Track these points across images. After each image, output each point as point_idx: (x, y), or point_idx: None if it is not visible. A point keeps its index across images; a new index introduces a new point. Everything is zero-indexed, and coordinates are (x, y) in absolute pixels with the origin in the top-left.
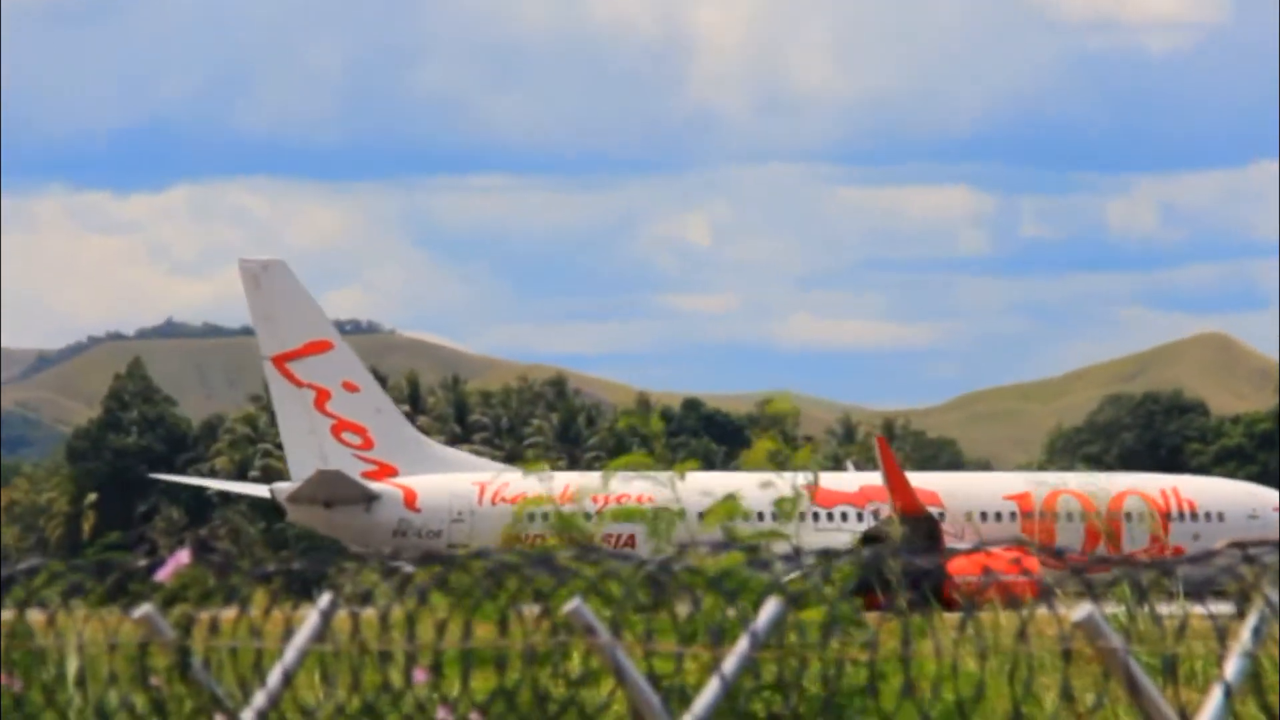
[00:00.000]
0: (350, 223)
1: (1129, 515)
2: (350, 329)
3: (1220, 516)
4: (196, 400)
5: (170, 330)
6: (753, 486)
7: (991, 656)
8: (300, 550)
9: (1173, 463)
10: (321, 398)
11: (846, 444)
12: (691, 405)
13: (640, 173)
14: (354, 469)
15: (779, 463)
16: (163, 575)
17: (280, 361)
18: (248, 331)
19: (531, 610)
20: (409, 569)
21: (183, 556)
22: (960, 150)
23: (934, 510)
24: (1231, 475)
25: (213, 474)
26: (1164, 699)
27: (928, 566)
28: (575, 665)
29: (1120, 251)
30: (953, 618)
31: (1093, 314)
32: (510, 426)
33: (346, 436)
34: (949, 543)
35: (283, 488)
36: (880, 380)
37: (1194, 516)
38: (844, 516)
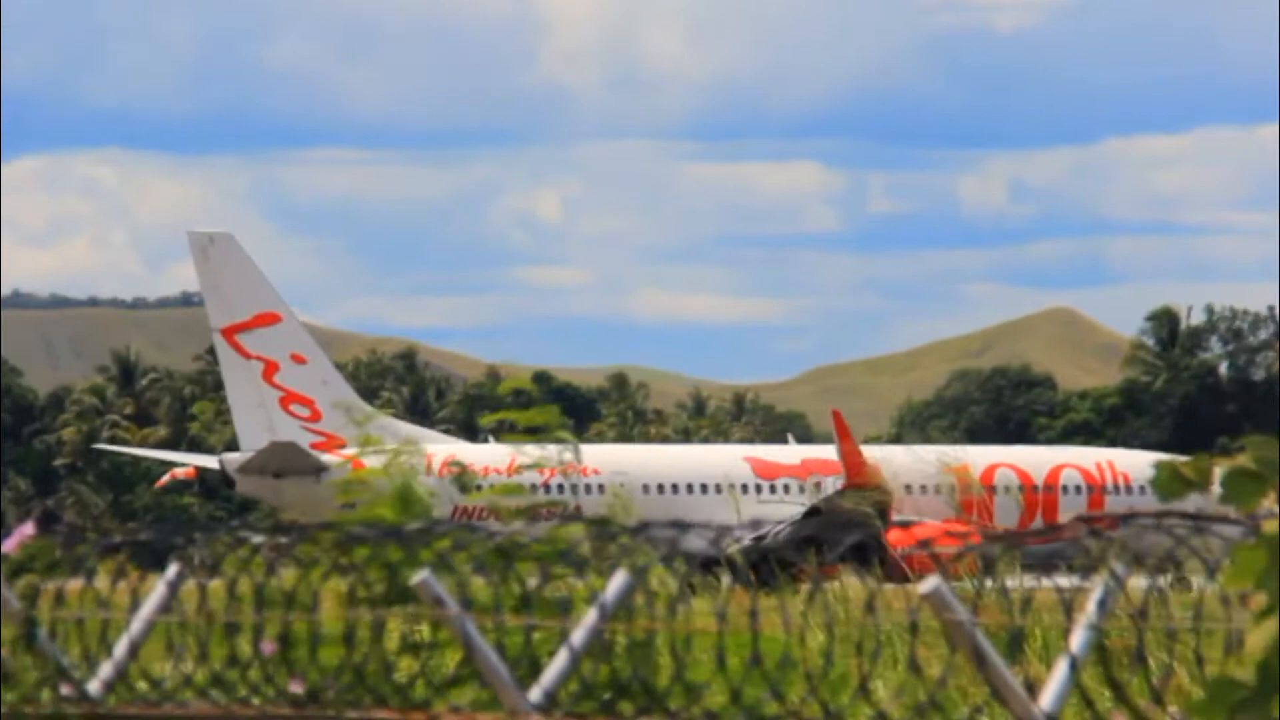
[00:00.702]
0: (200, 195)
1: (1064, 488)
2: (199, 301)
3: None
4: (42, 371)
5: (16, 301)
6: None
7: (839, 628)
8: (149, 522)
9: (1021, 437)
10: (270, 369)
11: (697, 417)
12: (542, 378)
13: (492, 147)
14: (302, 440)
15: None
16: (8, 546)
17: (229, 333)
18: (94, 302)
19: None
20: (257, 540)
21: (28, 528)
22: (811, 127)
23: None
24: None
25: (60, 445)
26: (1010, 671)
27: (859, 536)
28: (425, 636)
29: (970, 228)
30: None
31: (942, 290)
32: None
33: (294, 408)
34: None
35: (232, 458)
36: (731, 355)
37: (1129, 490)
38: (786, 489)
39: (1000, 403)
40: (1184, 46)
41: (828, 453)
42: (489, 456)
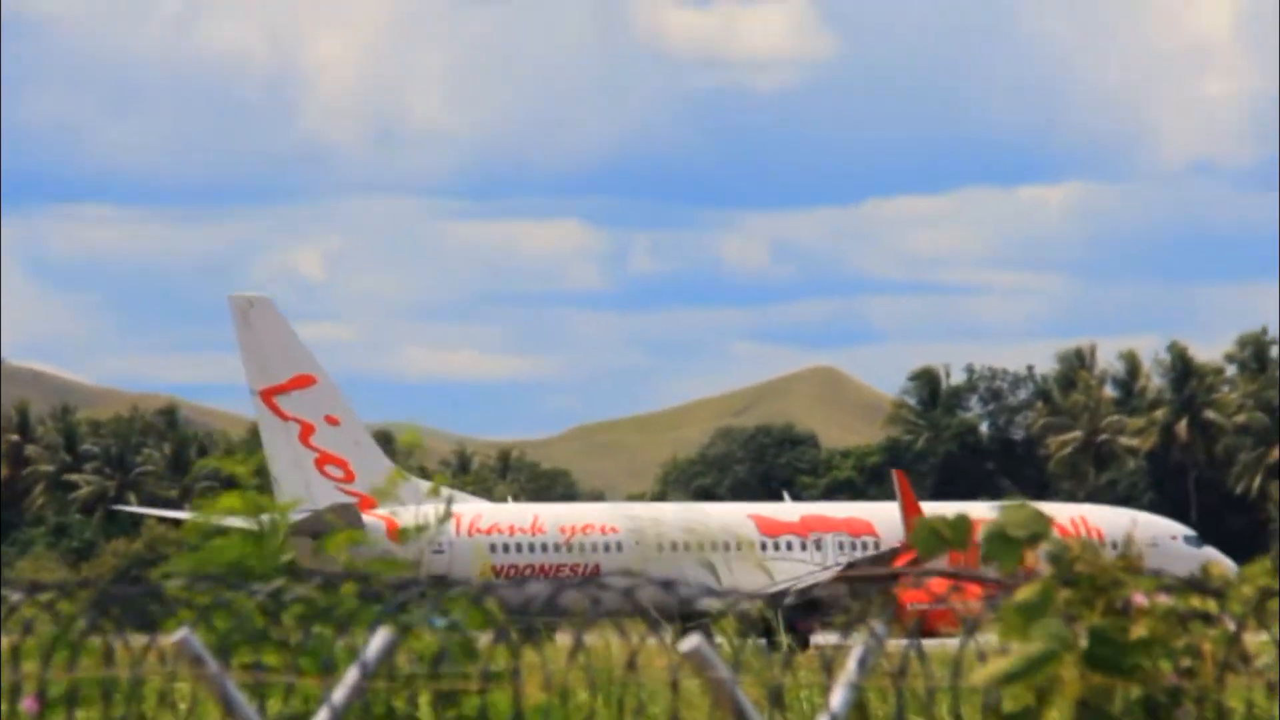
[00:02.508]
0: None
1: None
2: None
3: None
4: None
5: None
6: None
7: (603, 687)
8: None
9: (782, 495)
10: (306, 431)
11: (461, 474)
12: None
13: (253, 204)
14: (337, 501)
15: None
16: None
17: (268, 396)
18: None
19: (141, 640)
20: (16, 597)
21: None
22: (573, 185)
23: (867, 539)
24: None
25: None
26: None
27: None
28: (185, 696)
29: (732, 287)
30: (562, 646)
31: (705, 348)
32: (121, 455)
33: (329, 469)
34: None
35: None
36: (496, 412)
37: (1101, 545)
38: (789, 546)
39: (764, 461)
40: (944, 108)
41: (823, 509)
42: (516, 516)
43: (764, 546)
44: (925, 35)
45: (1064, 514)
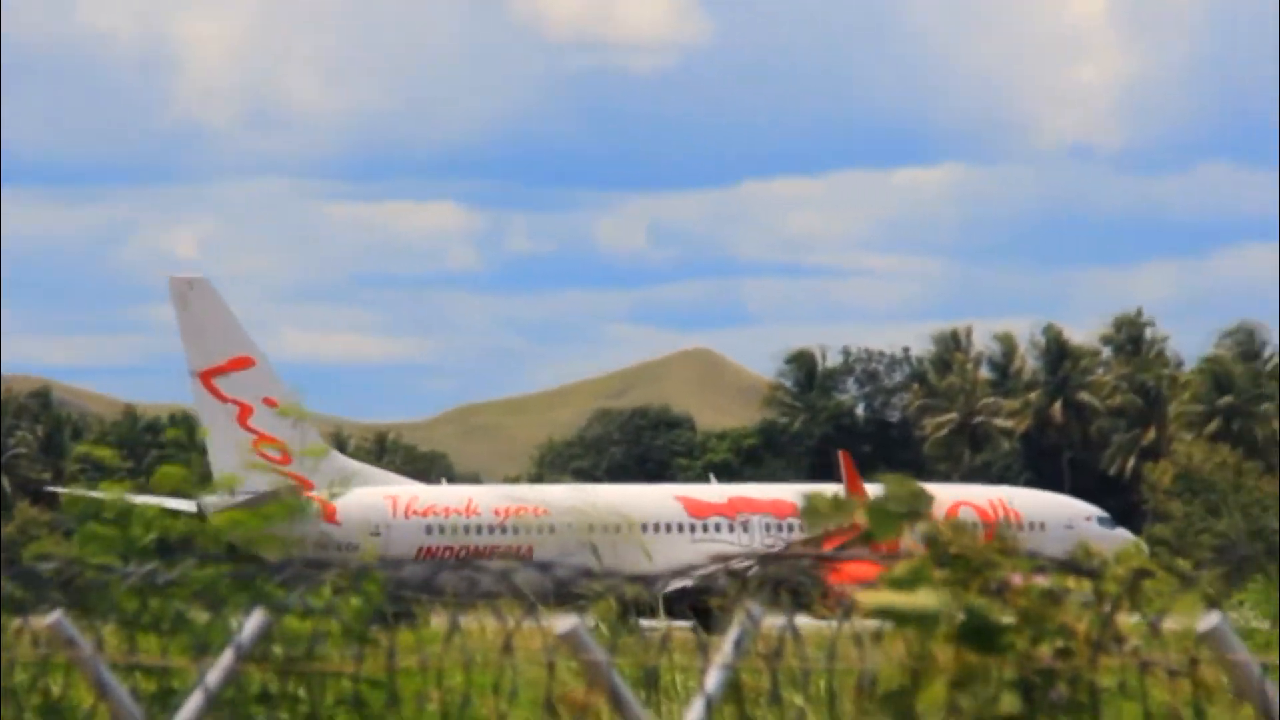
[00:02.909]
0: None
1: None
2: None
3: (1042, 526)
4: None
5: None
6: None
7: (478, 669)
8: None
9: (660, 477)
10: (244, 413)
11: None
12: (181, 419)
13: (128, 185)
14: (274, 484)
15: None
16: None
17: (206, 377)
18: None
19: (12, 622)
20: None
21: None
22: (448, 167)
23: (791, 521)
24: None
25: None
26: (644, 712)
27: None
28: (57, 678)
29: (609, 269)
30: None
31: (582, 330)
32: None
33: (268, 450)
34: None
35: (213, 502)
36: (372, 394)
37: (1019, 526)
38: (717, 528)
39: (640, 443)
40: (820, 91)
41: (750, 491)
42: (451, 498)
43: (692, 528)
44: (802, 18)
45: (984, 496)
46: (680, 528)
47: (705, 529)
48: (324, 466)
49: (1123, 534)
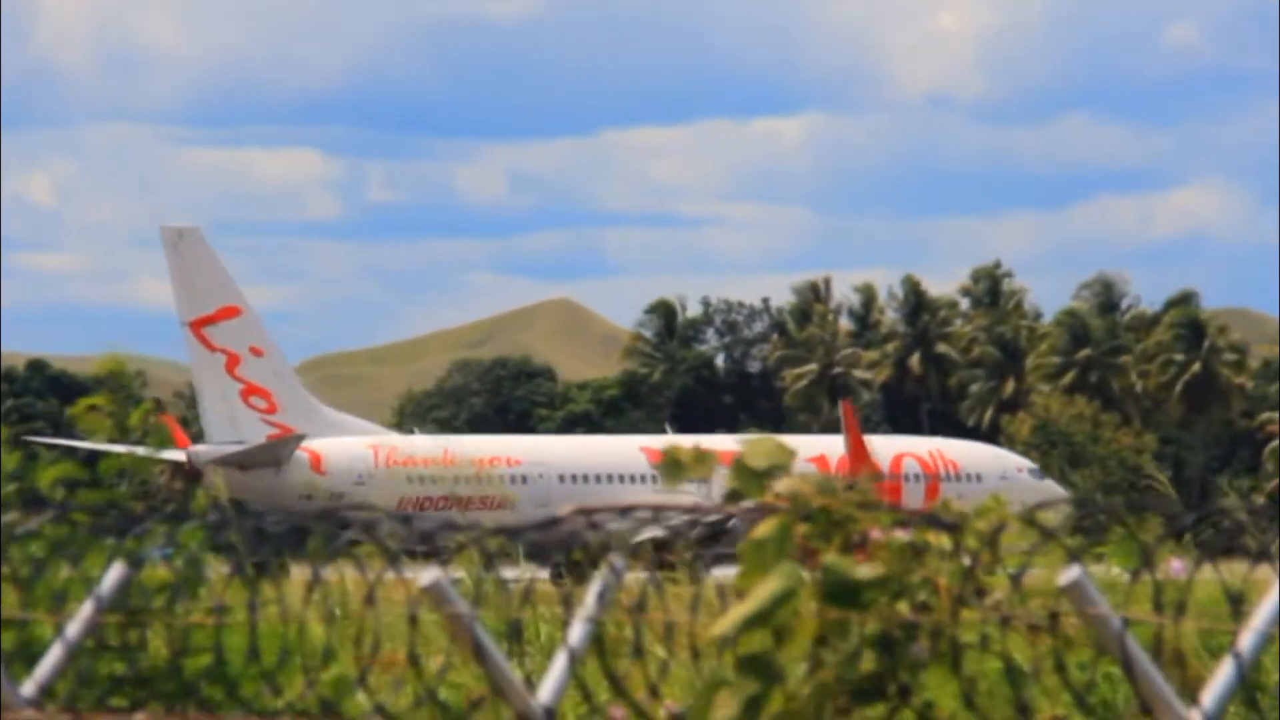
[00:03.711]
0: None
1: (908, 476)
2: None
3: (978, 477)
4: None
5: None
6: None
7: (340, 621)
8: None
9: (521, 427)
10: (232, 362)
11: (195, 407)
12: (37, 366)
13: None
14: (261, 432)
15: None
16: None
17: (197, 326)
18: None
19: None
20: None
21: None
22: (307, 114)
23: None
24: None
25: None
26: (508, 665)
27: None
28: None
29: (470, 218)
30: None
31: (442, 280)
32: None
33: (253, 400)
34: None
35: (204, 450)
36: None
37: (958, 477)
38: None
39: (500, 394)
40: (679, 39)
41: (711, 442)
42: (429, 448)
43: (654, 479)
44: None
45: (922, 446)
46: (644, 478)
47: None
48: (309, 417)
49: (1051, 486)
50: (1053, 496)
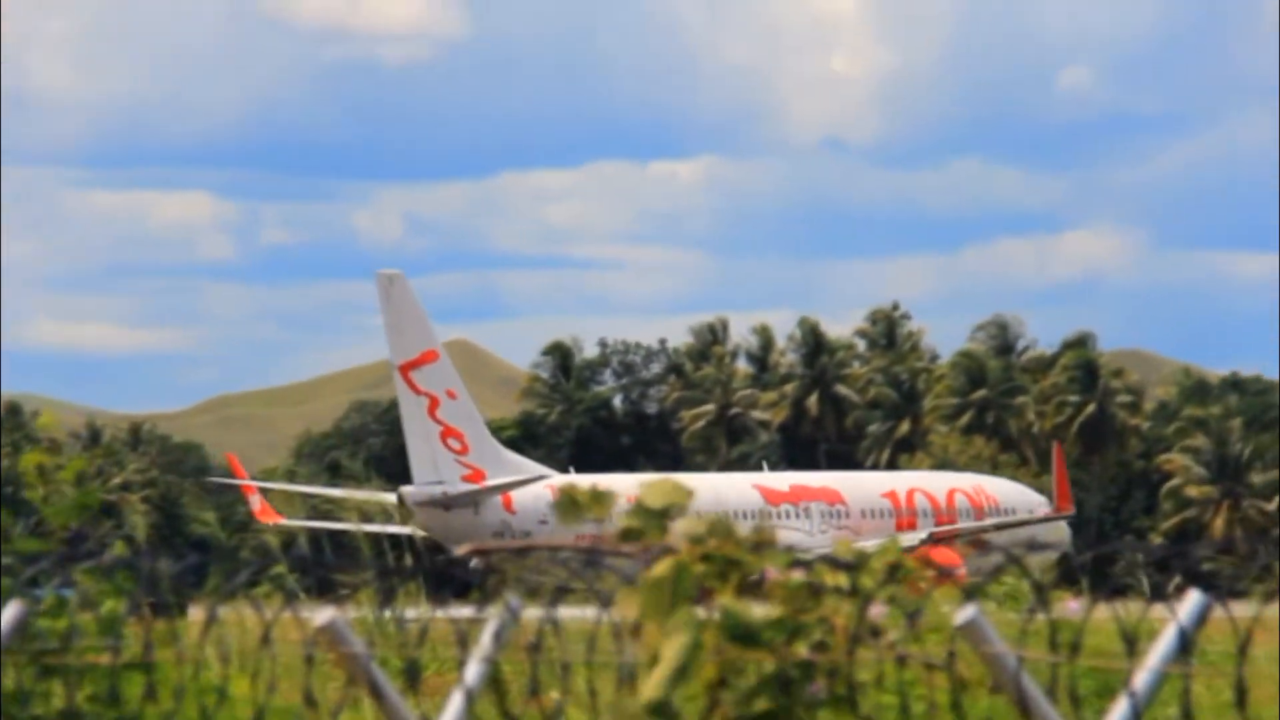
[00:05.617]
0: None
1: (961, 511)
2: None
3: (1013, 511)
4: None
5: None
6: None
7: (236, 660)
8: None
9: None
10: (433, 405)
11: (93, 446)
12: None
13: None
14: (456, 473)
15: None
16: None
17: (405, 370)
18: None
19: None
20: None
21: None
22: (201, 156)
23: (839, 508)
24: None
25: None
26: (404, 704)
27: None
28: None
29: (366, 259)
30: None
31: (339, 321)
32: None
33: (450, 442)
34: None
35: (412, 491)
36: (126, 384)
37: (998, 512)
38: (787, 514)
39: (399, 434)
40: (576, 82)
41: (807, 479)
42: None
43: (766, 515)
44: (556, 9)
45: (966, 482)
46: (757, 515)
47: (779, 516)
48: (493, 458)
49: (1061, 524)
50: (1060, 534)
